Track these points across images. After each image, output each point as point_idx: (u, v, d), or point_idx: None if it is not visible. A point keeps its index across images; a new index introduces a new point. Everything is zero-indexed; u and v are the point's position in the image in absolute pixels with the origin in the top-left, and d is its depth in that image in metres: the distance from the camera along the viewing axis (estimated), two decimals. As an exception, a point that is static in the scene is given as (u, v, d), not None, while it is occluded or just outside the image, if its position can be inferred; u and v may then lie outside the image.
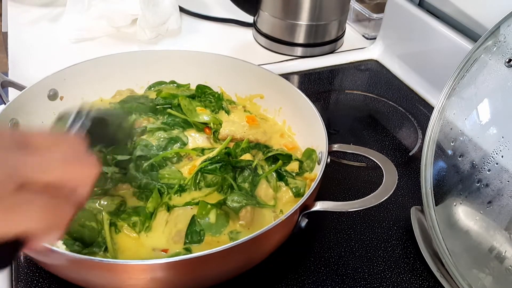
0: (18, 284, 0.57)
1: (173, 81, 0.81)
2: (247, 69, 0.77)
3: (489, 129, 0.59)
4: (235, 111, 0.77)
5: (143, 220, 0.59)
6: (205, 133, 0.73)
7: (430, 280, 0.61)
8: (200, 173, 0.64)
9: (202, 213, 0.59)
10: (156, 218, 0.60)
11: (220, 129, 0.73)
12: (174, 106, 0.75)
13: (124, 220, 0.59)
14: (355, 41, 1.09)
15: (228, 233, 0.59)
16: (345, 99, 0.93)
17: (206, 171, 0.64)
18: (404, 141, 0.83)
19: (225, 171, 0.64)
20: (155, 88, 0.80)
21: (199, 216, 0.59)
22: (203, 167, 0.64)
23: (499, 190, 0.56)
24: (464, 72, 0.62)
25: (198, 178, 0.64)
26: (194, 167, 0.65)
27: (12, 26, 1.05)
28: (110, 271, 0.48)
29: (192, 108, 0.75)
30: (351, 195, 0.72)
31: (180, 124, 0.73)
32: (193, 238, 0.58)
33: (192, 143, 0.71)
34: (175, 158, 0.68)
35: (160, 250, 0.57)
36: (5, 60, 0.96)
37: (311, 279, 0.60)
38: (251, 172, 0.66)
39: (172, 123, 0.73)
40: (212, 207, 0.60)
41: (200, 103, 0.77)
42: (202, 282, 0.54)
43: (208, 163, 0.64)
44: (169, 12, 1.05)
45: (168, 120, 0.73)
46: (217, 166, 0.64)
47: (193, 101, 0.76)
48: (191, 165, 0.67)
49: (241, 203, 0.61)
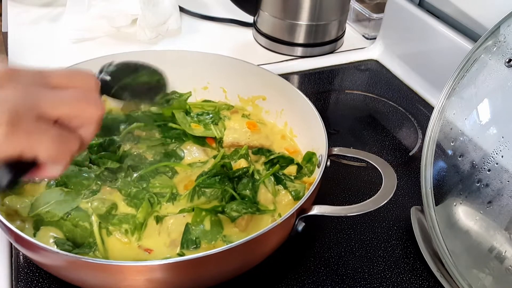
0: (18, 284, 0.57)
1: (174, 91, 0.79)
2: (247, 69, 0.77)
3: (489, 129, 0.59)
4: (234, 118, 0.76)
5: (133, 229, 0.58)
6: (209, 143, 0.73)
7: (430, 280, 0.61)
8: (198, 188, 0.63)
9: (196, 220, 0.58)
10: (147, 228, 0.59)
11: (223, 138, 0.72)
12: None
13: (114, 225, 0.59)
14: (355, 41, 1.09)
15: (221, 237, 0.58)
16: (345, 99, 0.93)
17: (204, 186, 0.63)
18: (404, 141, 0.83)
19: (223, 183, 0.63)
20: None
21: (193, 223, 0.58)
22: (200, 182, 0.63)
23: (499, 190, 0.56)
24: (464, 72, 0.62)
25: (196, 193, 0.63)
26: (191, 182, 0.64)
27: (12, 26, 1.05)
28: (106, 272, 0.48)
29: (187, 122, 0.74)
30: (351, 195, 0.72)
31: (181, 137, 0.72)
32: (189, 246, 0.57)
33: (189, 156, 0.70)
34: (170, 173, 0.67)
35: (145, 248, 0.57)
36: (5, 60, 0.96)
37: (311, 279, 0.60)
38: (249, 179, 0.65)
39: (173, 135, 0.72)
40: (207, 214, 0.59)
41: (193, 120, 0.75)
42: (199, 283, 0.54)
43: (205, 178, 0.63)
44: (169, 12, 1.05)
45: (169, 134, 0.72)
46: (216, 179, 0.63)
47: (187, 116, 0.75)
48: (187, 180, 0.65)
49: (240, 212, 0.60)
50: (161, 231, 0.59)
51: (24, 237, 0.48)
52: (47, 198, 0.60)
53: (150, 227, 0.60)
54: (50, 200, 0.60)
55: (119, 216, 0.60)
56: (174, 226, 0.59)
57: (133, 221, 0.59)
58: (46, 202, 0.60)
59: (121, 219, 0.59)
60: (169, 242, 0.58)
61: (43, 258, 0.51)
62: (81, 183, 0.63)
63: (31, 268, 0.59)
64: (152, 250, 0.57)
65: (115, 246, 0.58)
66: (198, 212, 0.59)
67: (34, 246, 0.48)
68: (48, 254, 0.48)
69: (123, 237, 0.58)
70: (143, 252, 0.57)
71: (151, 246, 0.58)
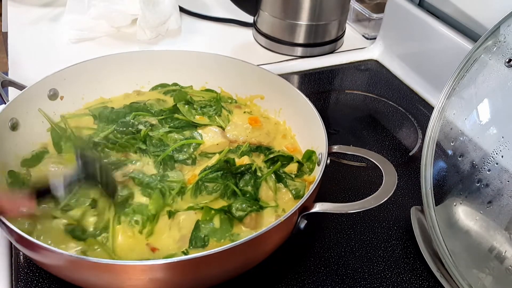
0: (18, 284, 0.57)
1: (175, 83, 0.80)
2: (247, 69, 0.77)
3: (489, 129, 0.59)
4: (237, 113, 0.77)
5: (145, 220, 0.59)
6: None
7: (430, 280, 0.61)
8: (201, 182, 0.64)
9: (206, 219, 0.59)
10: (158, 223, 0.60)
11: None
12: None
13: (127, 215, 0.59)
14: (355, 41, 1.09)
15: (229, 235, 0.59)
16: (345, 99, 0.93)
17: (207, 180, 0.64)
18: (404, 141, 0.83)
19: (226, 178, 0.64)
20: (159, 90, 0.80)
21: (203, 221, 0.59)
22: (203, 176, 0.64)
23: (499, 190, 0.56)
24: (464, 72, 0.62)
25: (199, 188, 0.64)
26: (194, 176, 0.65)
27: (12, 26, 1.05)
28: (109, 272, 0.48)
29: (191, 115, 0.75)
30: (351, 195, 0.72)
31: (189, 125, 0.73)
32: (197, 244, 0.58)
33: (209, 141, 0.71)
34: (190, 160, 0.68)
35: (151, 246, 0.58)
36: (5, 60, 0.96)
37: (311, 279, 0.60)
38: (252, 176, 0.65)
39: (180, 125, 0.73)
40: (216, 213, 0.59)
41: (198, 112, 0.76)
42: (201, 282, 0.54)
43: (208, 172, 0.64)
44: (169, 12, 1.05)
45: (175, 123, 0.73)
46: (218, 174, 0.64)
47: (190, 108, 0.76)
48: (191, 174, 0.66)
49: (245, 211, 0.60)
50: (172, 226, 0.59)
51: (26, 238, 0.48)
52: None
53: (161, 221, 0.60)
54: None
55: (134, 206, 0.60)
56: (185, 222, 0.59)
57: (146, 212, 0.59)
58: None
59: (135, 208, 0.60)
60: (179, 238, 0.58)
61: (45, 258, 0.51)
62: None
63: (31, 268, 0.59)
64: (158, 249, 0.57)
65: (122, 242, 0.58)
66: (207, 210, 0.59)
67: (36, 246, 0.48)
68: (50, 254, 0.48)
69: (129, 230, 0.58)
70: (149, 251, 0.57)
71: (159, 242, 0.58)
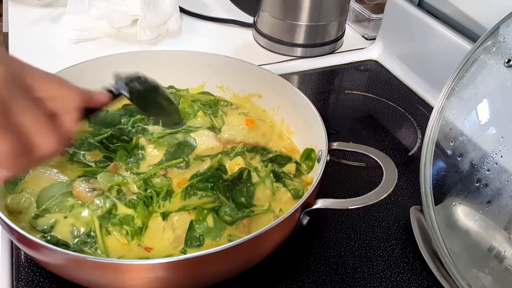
0: (19, 284, 0.57)
1: (171, 86, 0.79)
2: (247, 69, 0.77)
3: (489, 129, 0.59)
4: (232, 114, 0.77)
5: (133, 232, 0.58)
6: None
7: (429, 279, 0.61)
8: (190, 188, 0.63)
9: (199, 219, 0.59)
10: (151, 225, 0.59)
11: (220, 134, 0.72)
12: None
13: (115, 225, 0.58)
14: (355, 42, 1.10)
15: (227, 236, 0.59)
16: (344, 99, 0.94)
17: (196, 188, 0.63)
18: (403, 141, 0.83)
19: (217, 190, 0.62)
20: None
21: (197, 221, 0.59)
22: (193, 183, 0.63)
23: (498, 190, 0.56)
24: (463, 72, 0.62)
25: (188, 193, 0.63)
26: (185, 181, 0.64)
27: (12, 27, 1.05)
28: (110, 270, 0.48)
29: (193, 112, 0.74)
30: (351, 195, 0.72)
31: (182, 130, 0.72)
32: (192, 243, 0.57)
33: (203, 145, 0.70)
34: (183, 163, 0.67)
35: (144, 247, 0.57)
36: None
37: (311, 278, 0.60)
38: (244, 185, 0.64)
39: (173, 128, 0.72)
40: (208, 212, 0.59)
41: (200, 107, 0.76)
42: (202, 281, 0.54)
43: (198, 180, 0.63)
44: (169, 13, 1.05)
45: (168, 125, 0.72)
46: (208, 186, 0.62)
47: (194, 104, 0.76)
48: (181, 178, 0.65)
49: (233, 218, 0.60)
50: (166, 227, 0.59)
51: (27, 236, 0.48)
52: (51, 192, 0.61)
53: (153, 224, 0.59)
54: (54, 193, 0.60)
55: (120, 216, 0.59)
56: (179, 223, 0.59)
57: (133, 224, 0.59)
58: (52, 196, 0.60)
59: (122, 219, 0.59)
60: (173, 239, 0.58)
61: (46, 257, 0.51)
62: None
63: (32, 267, 0.59)
64: (152, 248, 0.57)
65: (114, 244, 0.58)
66: (200, 210, 0.59)
67: (37, 245, 0.48)
68: (50, 253, 0.48)
69: (122, 237, 0.58)
70: (143, 250, 0.57)
71: (153, 243, 0.58)
